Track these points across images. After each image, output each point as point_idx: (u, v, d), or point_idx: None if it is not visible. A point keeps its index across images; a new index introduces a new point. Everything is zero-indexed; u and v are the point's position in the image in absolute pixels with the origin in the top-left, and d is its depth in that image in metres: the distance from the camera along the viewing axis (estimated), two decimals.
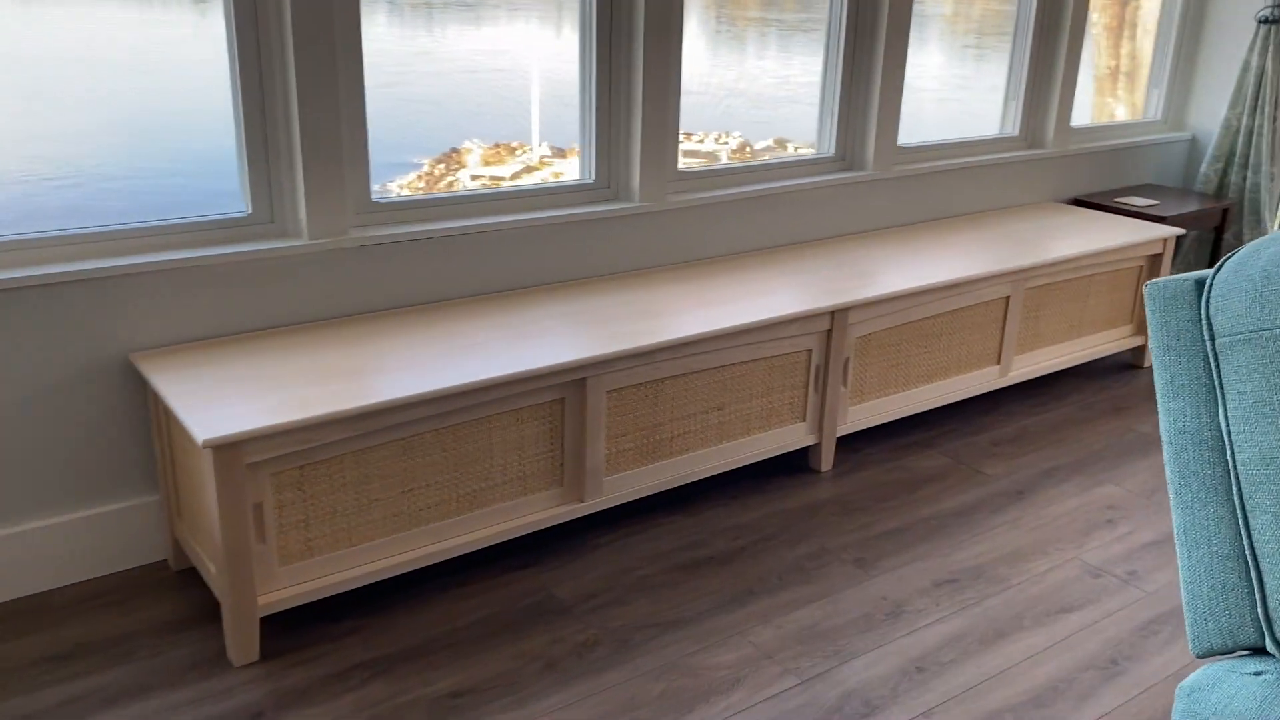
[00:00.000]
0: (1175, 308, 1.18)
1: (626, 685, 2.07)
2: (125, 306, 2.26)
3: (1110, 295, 3.62)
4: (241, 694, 2.02)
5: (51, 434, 2.25)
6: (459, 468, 2.29)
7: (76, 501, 2.32)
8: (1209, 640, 1.19)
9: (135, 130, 2.30)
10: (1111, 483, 2.96)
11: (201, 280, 2.34)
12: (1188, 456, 1.18)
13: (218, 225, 2.40)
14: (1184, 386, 1.18)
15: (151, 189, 2.34)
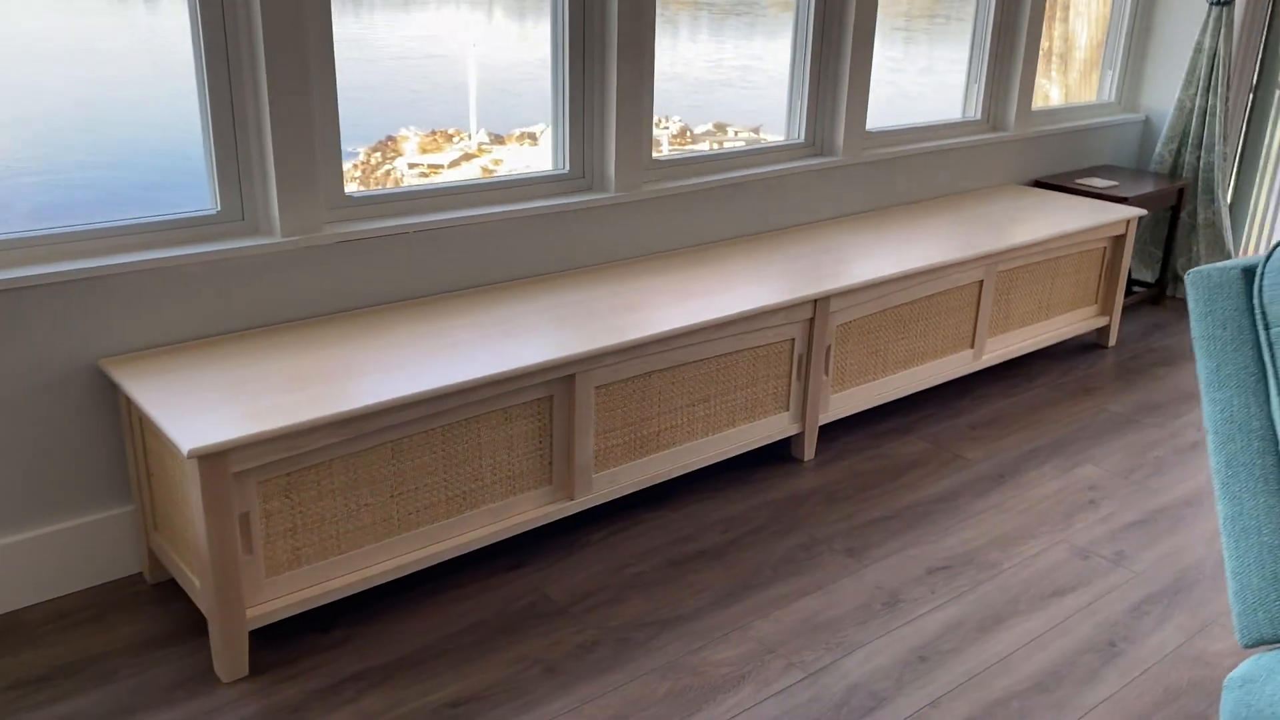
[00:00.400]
0: (1221, 296, 1.16)
1: (631, 686, 2.03)
2: (92, 311, 2.16)
3: (1076, 276, 3.65)
4: (232, 712, 1.94)
5: (18, 445, 2.15)
6: (448, 469, 2.22)
7: (46, 515, 2.21)
8: (1259, 630, 1.18)
9: (83, 125, 2.19)
10: (1090, 463, 2.98)
11: (171, 282, 2.24)
12: (1235, 447, 1.17)
13: (184, 224, 2.30)
14: (1230, 376, 1.17)
15: (102, 185, 2.24)
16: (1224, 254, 4.30)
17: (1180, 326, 4.13)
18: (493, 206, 2.70)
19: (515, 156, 2.86)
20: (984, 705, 2.01)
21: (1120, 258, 3.75)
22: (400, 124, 2.66)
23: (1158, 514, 2.72)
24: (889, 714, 1.98)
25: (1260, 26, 4.28)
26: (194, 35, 2.23)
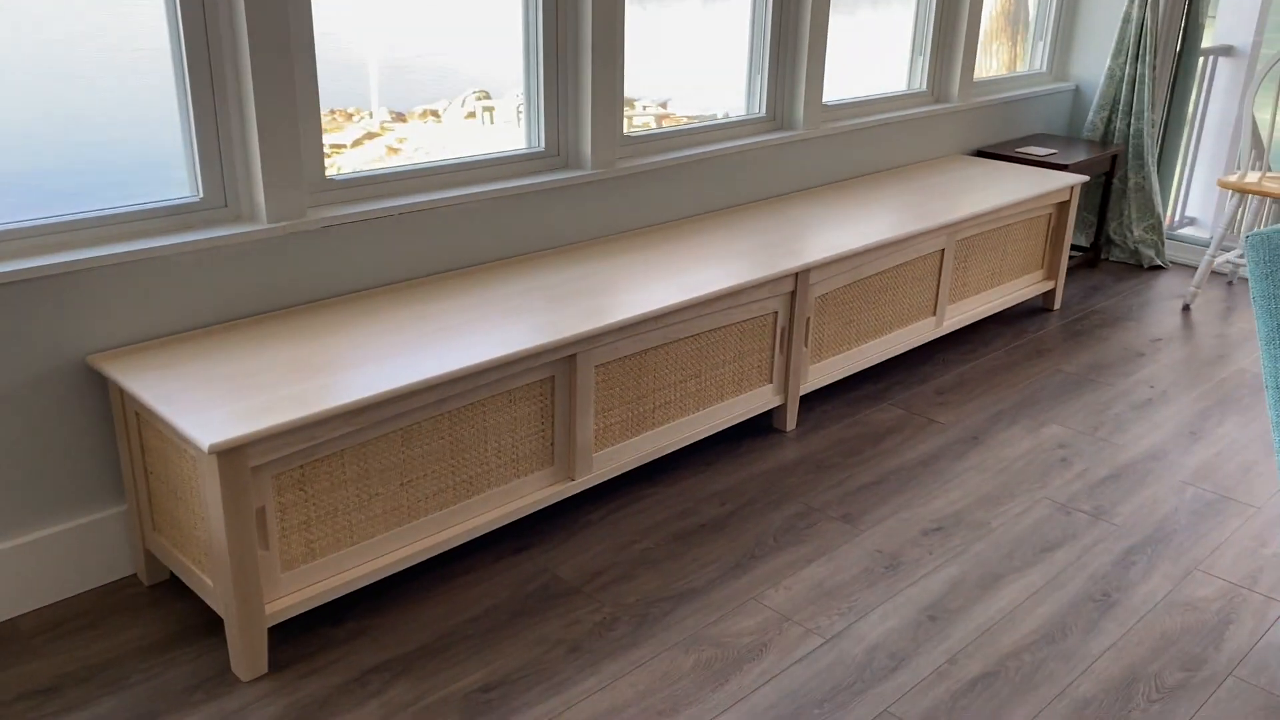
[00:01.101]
0: (1279, 253, 1.22)
1: (657, 661, 2.05)
2: (76, 305, 2.07)
3: (1025, 243, 3.77)
4: (258, 710, 1.90)
5: (4, 447, 2.05)
6: (455, 455, 2.20)
7: (35, 519, 2.12)
8: None
9: (64, 116, 2.09)
10: (1055, 423, 3.09)
11: (156, 272, 2.16)
12: None
13: (167, 213, 2.22)
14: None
15: (79, 174, 2.14)
16: (1154, 217, 4.48)
17: (1118, 289, 4.29)
18: (472, 187, 2.67)
19: (419, 134, 2.77)
20: (998, 659, 2.08)
21: (1064, 224, 3.87)
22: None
23: (1127, 468, 2.84)
24: (911, 673, 2.04)
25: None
26: (172, 26, 2.13)
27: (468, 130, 2.81)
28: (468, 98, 2.83)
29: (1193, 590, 2.32)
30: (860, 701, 1.96)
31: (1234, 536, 2.53)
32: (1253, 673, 2.06)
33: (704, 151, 3.16)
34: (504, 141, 2.84)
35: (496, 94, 2.85)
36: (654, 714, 1.92)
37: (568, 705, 1.93)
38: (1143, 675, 2.05)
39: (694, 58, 3.33)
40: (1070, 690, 2.00)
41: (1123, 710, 1.95)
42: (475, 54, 2.80)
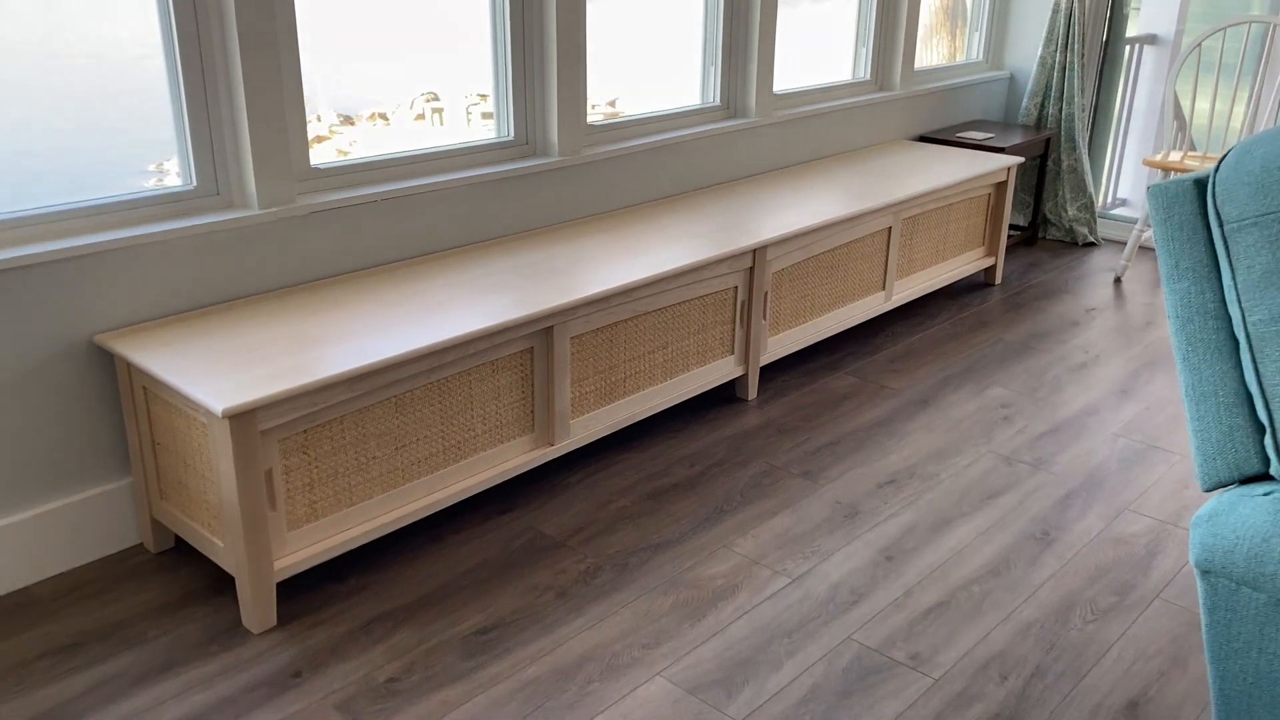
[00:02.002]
0: (1178, 204, 1.42)
1: (638, 603, 2.22)
2: (81, 288, 2.20)
3: (966, 221, 3.99)
4: (272, 658, 2.04)
5: (15, 425, 2.17)
6: (445, 420, 2.36)
7: (47, 492, 2.24)
8: (1218, 475, 1.46)
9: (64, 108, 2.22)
10: (998, 385, 3.31)
11: (156, 256, 2.29)
12: (1194, 326, 1.43)
13: (163, 200, 2.35)
14: (1189, 269, 1.43)
15: (83, 166, 2.27)
16: (1086, 196, 4.73)
17: (1054, 264, 4.54)
18: (448, 174, 2.82)
19: (368, 136, 2.82)
20: (949, 590, 2.28)
21: (1003, 203, 4.11)
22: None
23: (1064, 424, 3.06)
24: (871, 604, 2.23)
25: None
26: (164, 23, 2.27)
27: (417, 131, 2.93)
28: (416, 99, 2.97)
29: (1124, 527, 2.54)
30: (826, 631, 2.15)
31: (1160, 480, 2.76)
32: (1176, 595, 2.28)
33: (663, 139, 3.34)
34: (440, 141, 2.90)
35: (445, 95, 2.97)
36: (638, 648, 2.09)
37: (559, 643, 2.10)
38: (1079, 600, 2.26)
39: (639, 56, 3.51)
40: (1015, 615, 2.21)
41: (1062, 630, 2.16)
42: (424, 56, 2.92)
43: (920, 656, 2.08)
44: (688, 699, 1.96)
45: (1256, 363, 1.36)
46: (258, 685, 1.97)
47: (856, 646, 2.10)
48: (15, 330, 2.13)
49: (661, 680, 2.00)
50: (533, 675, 2.01)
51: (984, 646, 2.11)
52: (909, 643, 2.12)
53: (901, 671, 2.04)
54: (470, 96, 3.04)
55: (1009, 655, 2.09)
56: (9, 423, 2.16)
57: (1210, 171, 1.39)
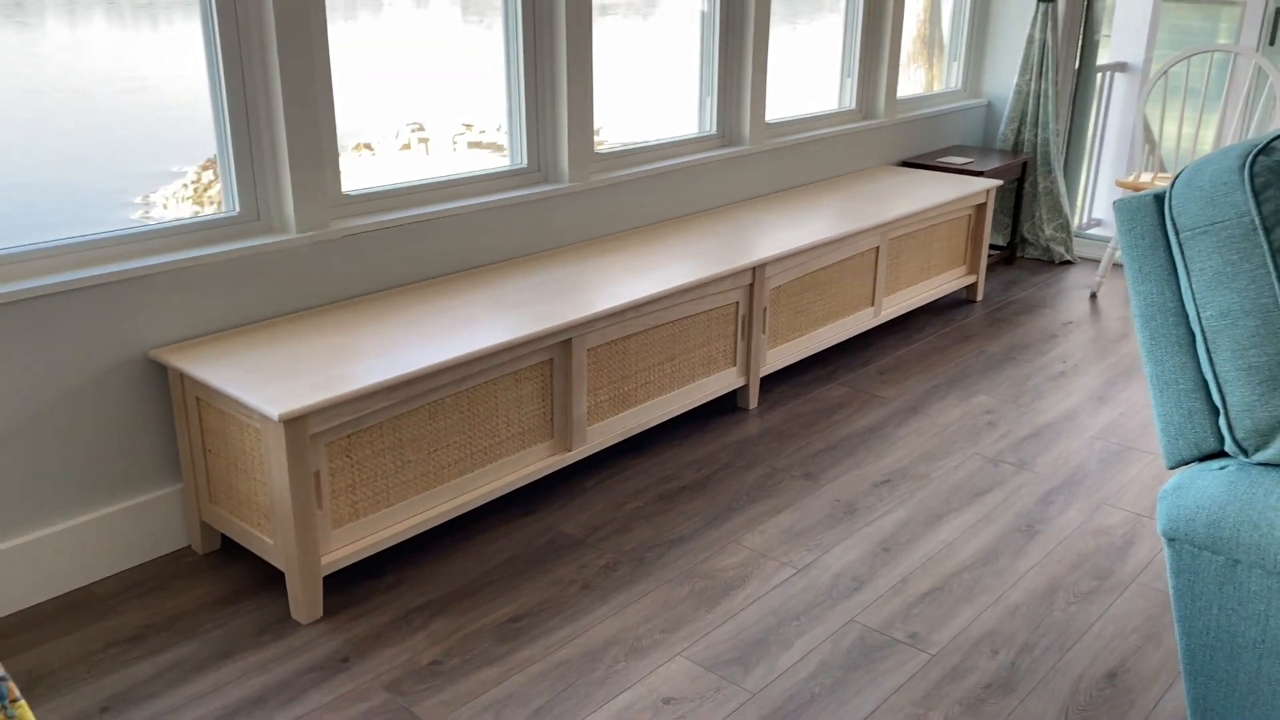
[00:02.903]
0: (1140, 216, 1.63)
1: (657, 592, 2.40)
2: (137, 307, 2.38)
3: (949, 241, 4.21)
4: (321, 646, 2.21)
5: (76, 434, 2.34)
6: (473, 427, 2.54)
7: (103, 497, 2.41)
8: (1180, 454, 1.66)
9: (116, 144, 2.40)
10: (982, 393, 3.52)
11: (205, 277, 2.47)
12: (1156, 324, 1.64)
13: (210, 225, 2.53)
14: (1150, 273, 1.63)
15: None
16: (1062, 217, 4.97)
17: (1032, 282, 4.77)
18: (467, 199, 3.01)
19: (353, 167, 2.85)
20: (942, 578, 2.47)
21: (983, 224, 4.33)
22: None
23: (1045, 428, 3.27)
24: (871, 591, 2.42)
25: (1079, 20, 4.97)
26: (211, 64, 2.46)
27: (402, 161, 3.05)
28: (401, 130, 3.15)
29: (1102, 520, 2.74)
30: (831, 614, 2.33)
31: (1136, 477, 2.96)
32: (1151, 578, 2.48)
33: (664, 165, 3.55)
34: (440, 171, 3.04)
35: (430, 126, 3.14)
36: (659, 631, 2.27)
37: (585, 629, 2.27)
38: (1062, 585, 2.45)
39: (626, 89, 3.72)
40: (1003, 598, 2.40)
41: (1047, 611, 2.35)
42: (410, 88, 3.06)
43: (918, 635, 2.26)
44: (707, 675, 2.13)
45: (1210, 353, 1.56)
46: (310, 669, 2.14)
47: (859, 627, 2.29)
48: (76, 346, 2.30)
49: (682, 659, 2.18)
50: (563, 657, 2.18)
51: (976, 626, 2.30)
52: (907, 623, 2.30)
53: (901, 649, 2.22)
54: (456, 126, 3.22)
55: (999, 633, 2.27)
56: (69, 432, 2.33)
57: (1168, 187, 1.60)
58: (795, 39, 4.29)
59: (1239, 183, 1.52)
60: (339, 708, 2.03)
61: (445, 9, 3.09)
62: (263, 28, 2.47)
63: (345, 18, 2.77)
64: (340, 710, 2.03)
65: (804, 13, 4.31)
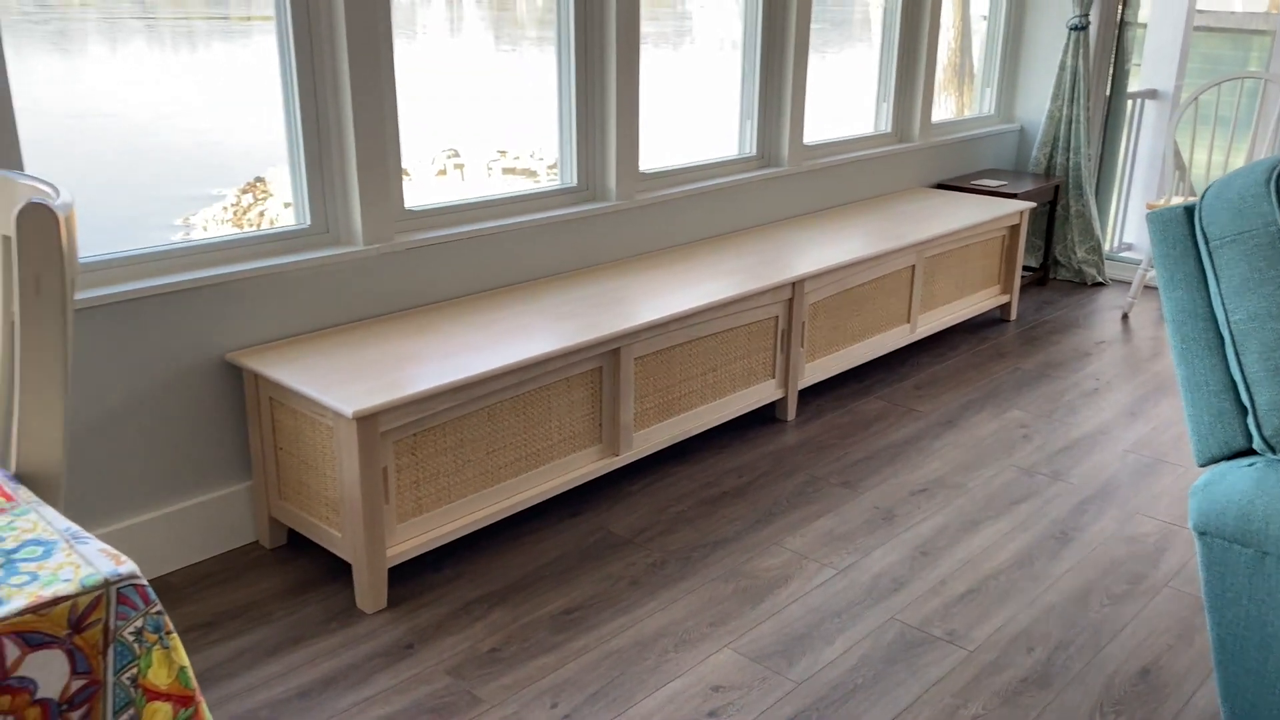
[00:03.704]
0: (1172, 226, 1.73)
1: (703, 589, 2.50)
2: (214, 312, 2.52)
3: (983, 261, 4.31)
4: (385, 634, 2.33)
5: (153, 433, 2.48)
6: (527, 430, 2.66)
7: (180, 492, 2.54)
8: (1210, 452, 1.75)
9: (193, 163, 2.55)
10: (1016, 408, 3.60)
11: (278, 286, 2.61)
12: (1187, 328, 1.73)
13: (281, 237, 2.68)
14: (1182, 280, 1.73)
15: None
16: (1094, 240, 5.05)
17: (1065, 302, 4.85)
18: (522, 216, 3.15)
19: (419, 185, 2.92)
20: (979, 580, 2.56)
21: (1017, 244, 4.43)
22: (267, 164, 2.72)
23: (1078, 441, 3.35)
24: (910, 592, 2.51)
25: (1110, 48, 5.08)
26: (286, 86, 2.61)
27: (439, 186, 3.16)
28: (437, 156, 3.28)
29: (1135, 528, 2.82)
30: (871, 613, 2.43)
31: (1168, 489, 3.04)
32: (1183, 583, 2.56)
33: (706, 185, 3.67)
34: (494, 191, 3.15)
35: (465, 152, 3.26)
36: (706, 625, 2.37)
37: (636, 621, 2.38)
38: (1096, 588, 2.53)
39: (666, 113, 3.86)
40: (1039, 599, 2.48)
41: (1082, 611, 2.43)
42: (445, 115, 3.14)
43: (956, 633, 2.35)
44: (753, 665, 2.23)
45: (1239, 355, 1.66)
46: (376, 655, 2.25)
47: (899, 625, 2.38)
48: (156, 349, 2.44)
49: (729, 651, 2.28)
50: (616, 646, 2.29)
51: (1012, 625, 2.38)
52: (945, 622, 2.39)
53: (940, 645, 2.31)
54: (491, 153, 3.34)
55: (1034, 631, 2.36)
56: (150, 430, 2.47)
57: (1197, 199, 1.70)
58: (824, 67, 4.42)
59: (1266, 195, 1.62)
60: (405, 690, 2.14)
61: (479, 36, 3.24)
62: (334, 51, 2.62)
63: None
64: (406, 692, 2.14)
65: (833, 42, 4.44)
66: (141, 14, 2.44)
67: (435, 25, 3.07)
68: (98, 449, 2.40)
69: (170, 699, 0.92)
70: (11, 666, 0.83)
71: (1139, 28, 5.14)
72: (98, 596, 0.88)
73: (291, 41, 2.59)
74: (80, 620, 0.87)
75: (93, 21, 2.38)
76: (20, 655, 0.84)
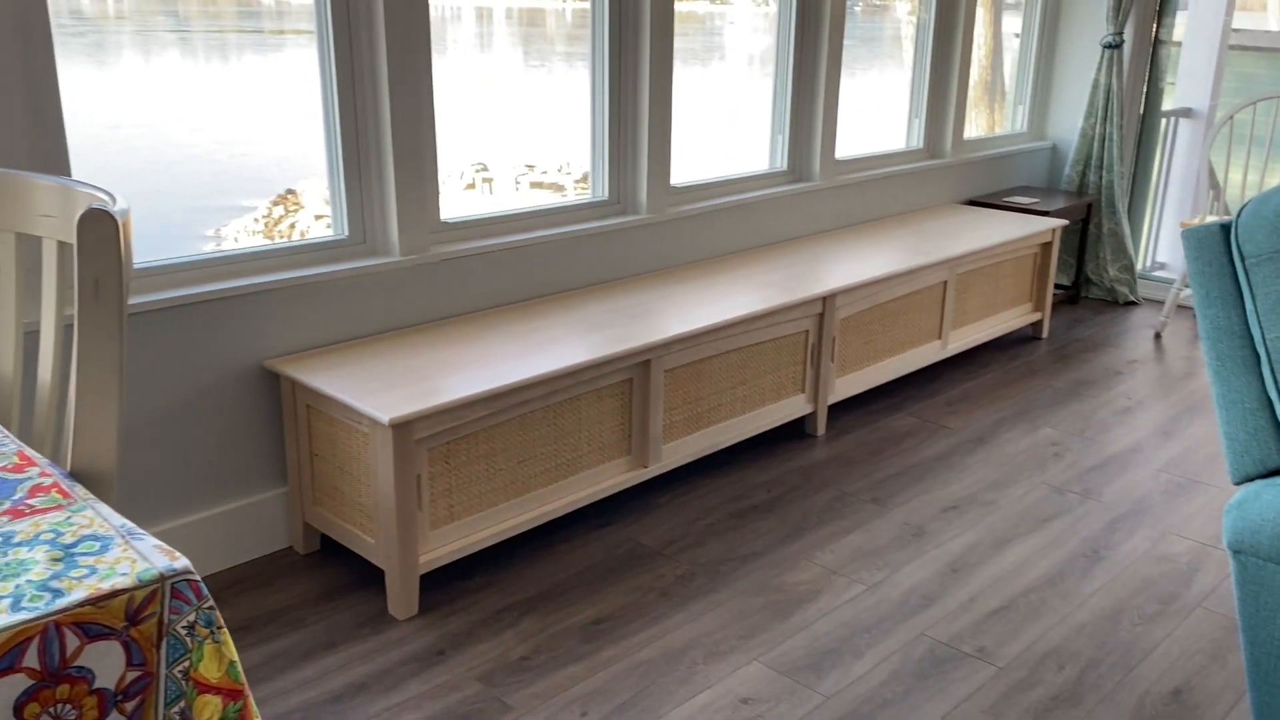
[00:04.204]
0: (1207, 244, 1.73)
1: (732, 602, 2.51)
2: (254, 320, 2.56)
3: (1015, 278, 4.30)
4: (417, 640, 2.35)
5: (190, 438, 2.52)
6: (558, 440, 2.68)
7: (215, 497, 2.58)
8: (1246, 470, 1.74)
9: (235, 175, 2.60)
10: (1048, 426, 3.59)
11: (316, 294, 2.65)
12: (1223, 345, 1.73)
13: (320, 247, 2.72)
14: (1217, 298, 1.73)
15: None
16: (1127, 258, 5.03)
17: (1097, 321, 4.82)
18: (554, 229, 3.18)
19: (451, 197, 2.96)
20: (1010, 597, 2.55)
21: (1049, 262, 4.41)
22: (298, 177, 2.75)
23: (1110, 460, 3.33)
24: (940, 608, 2.50)
25: (1144, 66, 5.06)
26: (326, 99, 2.66)
27: (468, 199, 3.20)
28: (466, 170, 3.31)
29: (1167, 547, 2.80)
30: (901, 628, 2.42)
31: (1201, 508, 3.02)
32: (1216, 604, 2.54)
33: (737, 199, 3.69)
34: (526, 204, 3.19)
35: (495, 166, 3.29)
36: (735, 638, 2.38)
37: (665, 632, 2.39)
38: (1128, 607, 2.52)
39: (697, 128, 3.88)
40: (1070, 617, 2.47)
41: (1113, 630, 2.42)
42: (474, 129, 3.17)
43: (986, 650, 2.35)
44: (782, 679, 2.24)
45: (1275, 373, 1.66)
46: (408, 660, 2.28)
47: (929, 641, 2.38)
48: (196, 355, 2.49)
49: (758, 664, 2.29)
50: (645, 657, 2.30)
51: (1043, 642, 2.37)
52: (975, 638, 2.39)
53: (970, 661, 2.31)
54: (518, 167, 3.38)
55: (1065, 650, 2.35)
56: (187, 435, 2.51)
57: (1233, 217, 1.70)
58: (855, 83, 4.43)
59: None
60: (436, 696, 2.16)
61: (508, 51, 3.28)
62: (374, 64, 2.66)
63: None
64: (438, 699, 2.16)
65: (864, 59, 4.46)
66: (176, 27, 2.50)
67: (466, 40, 3.12)
68: (137, 453, 2.45)
69: (220, 692, 0.94)
70: (71, 656, 0.86)
71: (1173, 46, 5.12)
72: (153, 590, 0.91)
73: (332, 55, 2.63)
74: (136, 613, 0.90)
75: (128, 34, 2.44)
76: (80, 645, 0.86)
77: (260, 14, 2.65)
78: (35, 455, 1.17)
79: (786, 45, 3.90)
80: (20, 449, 1.19)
